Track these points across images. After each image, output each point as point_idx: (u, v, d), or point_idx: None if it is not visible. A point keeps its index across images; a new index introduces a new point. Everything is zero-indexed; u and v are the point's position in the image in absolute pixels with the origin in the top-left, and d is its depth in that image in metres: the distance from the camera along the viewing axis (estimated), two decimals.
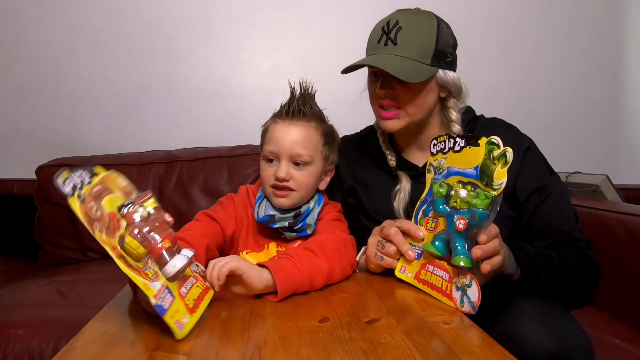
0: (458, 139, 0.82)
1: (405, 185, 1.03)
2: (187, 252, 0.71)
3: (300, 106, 1.00)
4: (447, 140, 0.85)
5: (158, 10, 2.04)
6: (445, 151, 0.85)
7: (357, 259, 0.97)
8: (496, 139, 0.74)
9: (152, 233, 0.69)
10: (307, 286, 0.83)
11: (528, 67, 2.10)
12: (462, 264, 0.74)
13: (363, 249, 0.97)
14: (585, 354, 0.75)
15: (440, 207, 0.81)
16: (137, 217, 0.69)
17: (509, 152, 0.72)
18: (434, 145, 0.89)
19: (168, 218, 0.73)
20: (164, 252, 0.69)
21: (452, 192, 0.78)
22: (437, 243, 0.80)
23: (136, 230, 0.68)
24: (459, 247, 0.75)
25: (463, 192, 0.76)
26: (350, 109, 1.92)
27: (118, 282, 0.90)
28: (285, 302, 0.80)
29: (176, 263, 0.69)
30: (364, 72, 1.03)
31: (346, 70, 0.99)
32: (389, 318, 0.72)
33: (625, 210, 1.41)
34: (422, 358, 0.59)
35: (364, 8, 2.05)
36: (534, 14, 2.10)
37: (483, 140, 0.76)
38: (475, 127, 1.04)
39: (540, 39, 2.10)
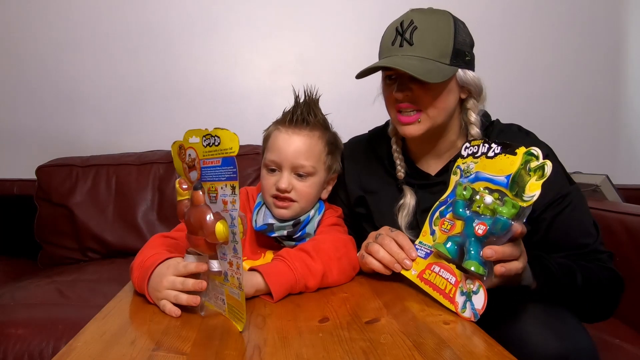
0: (494, 145, 0.80)
1: (409, 201, 0.99)
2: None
3: (304, 115, 0.97)
4: (481, 144, 0.83)
5: (158, 10, 2.04)
6: (477, 155, 0.83)
7: None
8: (536, 150, 0.72)
9: None
10: (301, 287, 0.83)
11: (527, 66, 2.10)
12: (472, 269, 0.72)
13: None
14: (591, 357, 0.74)
15: (461, 210, 0.79)
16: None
17: (548, 165, 0.70)
18: (466, 148, 0.86)
19: None
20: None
21: (477, 197, 0.76)
22: (449, 245, 0.78)
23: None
24: (473, 252, 0.73)
25: (489, 199, 0.74)
26: (350, 109, 1.93)
27: (118, 282, 0.90)
28: (285, 302, 0.80)
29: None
30: (370, 75, 0.96)
31: (361, 75, 0.93)
32: (389, 318, 0.72)
33: (625, 210, 1.41)
34: (422, 358, 0.59)
35: (365, 8, 2.05)
36: (532, 13, 2.10)
37: (521, 150, 0.74)
38: (492, 132, 0.99)
39: (540, 38, 2.10)
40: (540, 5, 2.10)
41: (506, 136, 0.98)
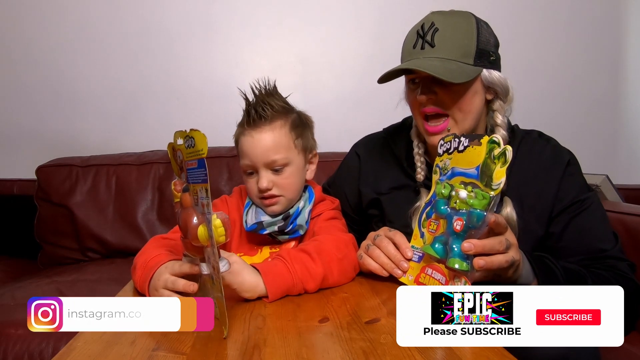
0: (462, 139, 0.80)
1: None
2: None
3: (259, 111, 0.96)
4: (452, 140, 0.83)
5: (158, 10, 2.04)
6: (450, 151, 0.83)
7: None
8: (497, 137, 0.72)
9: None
10: (299, 289, 0.82)
11: (527, 67, 2.10)
12: (456, 266, 0.72)
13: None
14: (591, 357, 0.74)
15: (442, 208, 0.79)
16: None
17: (509, 150, 0.70)
18: (441, 145, 0.86)
19: None
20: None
21: (453, 193, 0.77)
22: (436, 245, 0.78)
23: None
24: (455, 249, 0.73)
25: (463, 193, 0.74)
26: (350, 108, 1.93)
27: (118, 282, 0.90)
28: (286, 302, 0.80)
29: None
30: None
31: (382, 80, 0.91)
32: (389, 318, 0.72)
33: (625, 210, 1.41)
34: (422, 358, 0.59)
35: (365, 8, 2.05)
36: (532, 12, 2.10)
37: (485, 139, 0.74)
38: (513, 140, 0.97)
39: (539, 37, 2.10)
40: (538, 6, 2.10)
41: (526, 143, 0.96)
